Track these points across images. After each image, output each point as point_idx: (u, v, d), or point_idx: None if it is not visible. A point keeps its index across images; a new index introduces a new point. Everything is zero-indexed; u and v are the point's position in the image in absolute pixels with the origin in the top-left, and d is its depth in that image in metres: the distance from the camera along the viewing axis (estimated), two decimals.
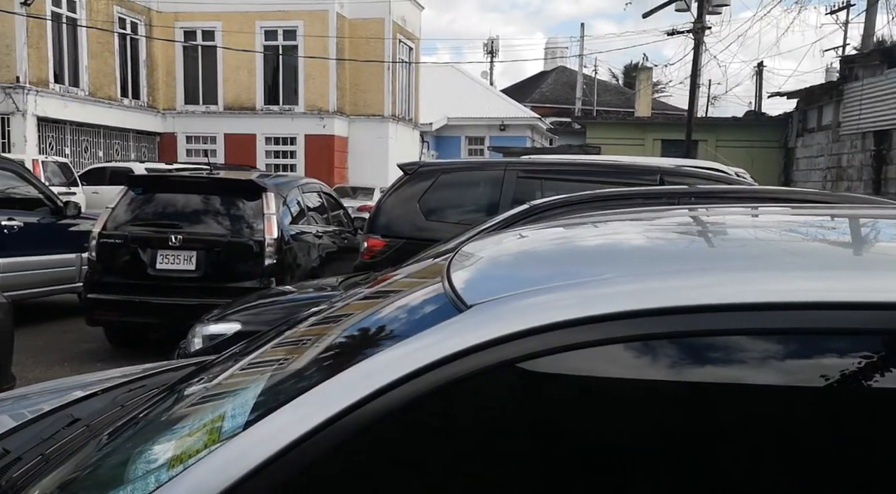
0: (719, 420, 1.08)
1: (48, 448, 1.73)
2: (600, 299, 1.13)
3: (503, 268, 1.43)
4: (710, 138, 19.09)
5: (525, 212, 3.87)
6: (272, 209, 7.10)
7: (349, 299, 1.86)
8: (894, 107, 13.64)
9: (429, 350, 1.12)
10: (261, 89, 26.19)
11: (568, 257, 1.44)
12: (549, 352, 1.09)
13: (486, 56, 54.26)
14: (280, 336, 1.84)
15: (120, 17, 24.52)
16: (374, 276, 4.63)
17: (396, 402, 1.09)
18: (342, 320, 1.63)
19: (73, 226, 8.86)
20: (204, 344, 4.07)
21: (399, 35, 27.57)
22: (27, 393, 2.56)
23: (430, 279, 1.62)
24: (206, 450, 1.19)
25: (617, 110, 39.11)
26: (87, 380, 2.64)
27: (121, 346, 7.52)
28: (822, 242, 1.62)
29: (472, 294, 1.23)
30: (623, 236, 1.63)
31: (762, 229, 1.67)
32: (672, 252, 1.46)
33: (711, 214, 1.94)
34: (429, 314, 1.30)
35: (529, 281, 1.24)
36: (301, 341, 1.58)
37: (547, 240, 1.70)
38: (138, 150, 25.79)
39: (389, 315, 1.47)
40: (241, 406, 1.32)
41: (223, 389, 1.56)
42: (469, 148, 36.93)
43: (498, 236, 1.90)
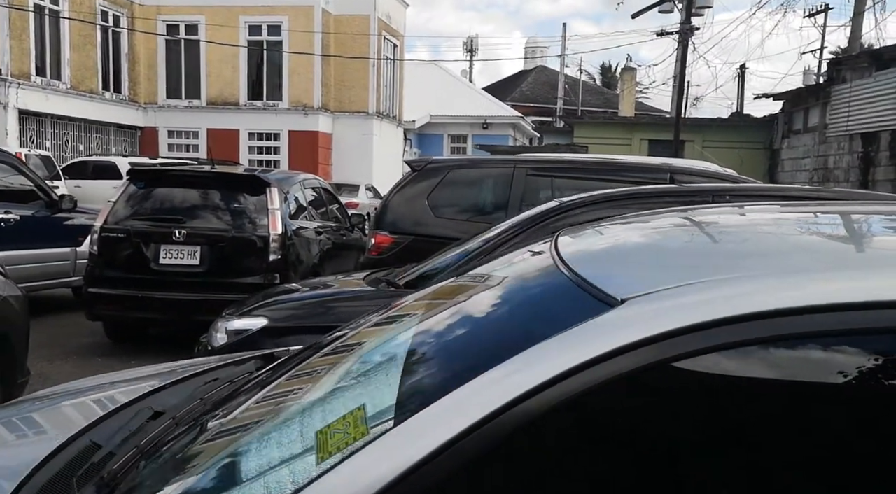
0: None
1: (141, 441, 1.70)
2: (760, 294, 1.12)
3: (643, 263, 1.42)
4: (696, 139, 19.26)
5: (554, 209, 3.86)
6: (276, 204, 7.05)
7: (445, 295, 1.84)
8: (883, 110, 13.83)
9: (583, 347, 1.11)
10: (244, 84, 25.99)
11: (702, 252, 1.43)
12: (709, 350, 1.08)
13: (465, 54, 54.33)
14: (383, 329, 1.82)
15: (102, 10, 24.21)
16: (398, 271, 4.62)
17: (552, 401, 1.07)
18: (457, 315, 1.61)
19: (68, 219, 8.74)
20: (229, 339, 4.02)
21: (384, 32, 27.49)
22: (52, 393, 2.51)
23: (535, 274, 1.61)
24: (358, 444, 1.17)
25: (598, 110, 39.32)
26: (114, 378, 2.60)
27: (119, 341, 7.43)
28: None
29: (620, 289, 1.21)
30: (742, 231, 1.63)
31: (868, 226, 1.68)
32: (800, 247, 1.46)
33: (806, 211, 1.95)
34: (567, 309, 1.28)
35: (677, 276, 1.23)
36: (420, 334, 1.56)
37: (669, 234, 1.70)
38: (119, 144, 25.48)
39: (513, 310, 1.45)
40: (381, 401, 1.30)
41: (344, 383, 1.54)
42: (452, 146, 36.92)
43: (607, 228, 1.89)
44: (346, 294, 4.18)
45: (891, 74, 13.77)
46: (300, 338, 3.99)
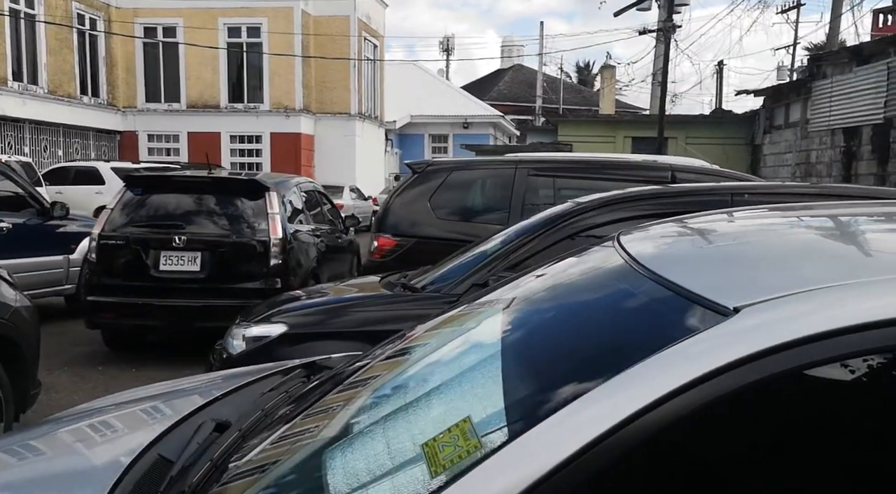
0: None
1: (213, 455, 1.69)
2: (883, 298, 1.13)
3: (746, 268, 1.41)
4: (679, 135, 19.40)
5: (571, 210, 3.87)
6: (275, 208, 7.02)
7: (517, 300, 1.83)
8: (864, 104, 14.02)
9: (703, 358, 1.10)
10: (225, 87, 25.82)
11: (804, 255, 1.43)
12: (837, 359, 1.09)
13: (441, 54, 54.37)
14: (456, 333, 1.82)
15: (79, 13, 23.94)
16: (411, 274, 4.60)
17: (678, 413, 1.07)
18: (545, 321, 1.60)
19: (60, 227, 8.64)
20: (247, 346, 3.99)
21: (364, 32, 27.43)
22: (89, 408, 2.47)
23: (612, 278, 1.61)
24: (474, 457, 1.17)
25: (578, 108, 39.47)
26: (153, 391, 2.58)
27: (117, 349, 7.36)
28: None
29: (730, 297, 1.21)
30: (830, 232, 1.64)
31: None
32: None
33: (871, 212, 1.97)
34: (672, 319, 1.27)
35: (785, 282, 1.23)
36: (511, 340, 1.55)
37: (746, 237, 1.71)
38: (98, 149, 25.21)
39: (606, 319, 1.45)
40: (485, 411, 1.30)
41: (431, 390, 1.53)
42: (433, 146, 36.91)
43: (673, 231, 1.89)
44: (365, 298, 4.16)
45: (871, 69, 13.96)
46: (321, 345, 3.97)
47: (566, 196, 6.30)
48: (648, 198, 3.84)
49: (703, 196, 3.72)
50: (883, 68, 13.49)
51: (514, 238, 3.96)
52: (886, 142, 13.35)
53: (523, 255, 3.78)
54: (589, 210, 3.76)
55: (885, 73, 13.43)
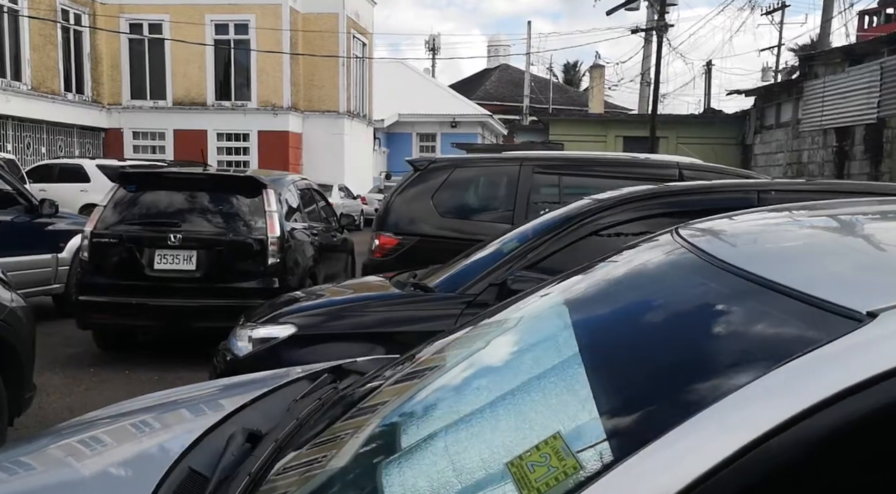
0: None
1: (251, 468, 1.56)
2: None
3: (865, 267, 1.29)
4: (670, 135, 19.38)
5: (592, 208, 3.74)
6: (273, 206, 6.86)
7: (586, 300, 1.70)
8: (857, 104, 14.02)
9: (832, 373, 0.98)
10: (212, 84, 25.55)
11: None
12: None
13: (427, 53, 54.29)
14: (519, 334, 1.68)
15: (63, 9, 23.61)
16: (420, 273, 4.47)
17: (814, 431, 0.94)
18: (629, 323, 1.47)
19: (49, 225, 8.43)
20: (254, 347, 3.85)
21: (353, 30, 27.26)
22: (95, 417, 2.32)
23: (692, 279, 1.48)
24: (577, 478, 1.04)
25: (566, 107, 39.45)
26: (163, 399, 2.43)
27: (108, 350, 7.18)
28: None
29: (860, 300, 1.08)
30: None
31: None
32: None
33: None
34: (782, 324, 1.15)
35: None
36: (593, 345, 1.41)
37: (864, 232, 1.59)
38: (82, 146, 24.87)
39: (708, 323, 1.31)
40: (574, 425, 1.17)
41: (504, 401, 1.39)
42: (420, 144, 36.77)
43: (752, 227, 1.77)
44: (377, 298, 4.03)
45: (864, 69, 13.96)
46: (332, 346, 3.84)
47: (572, 193, 6.21)
48: (673, 194, 3.72)
49: (730, 193, 3.61)
50: (876, 68, 13.50)
51: (531, 236, 3.83)
52: (880, 141, 13.36)
53: (542, 254, 3.67)
54: (611, 207, 3.64)
55: (878, 73, 13.44)
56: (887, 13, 34.65)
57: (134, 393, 5.96)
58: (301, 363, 3.77)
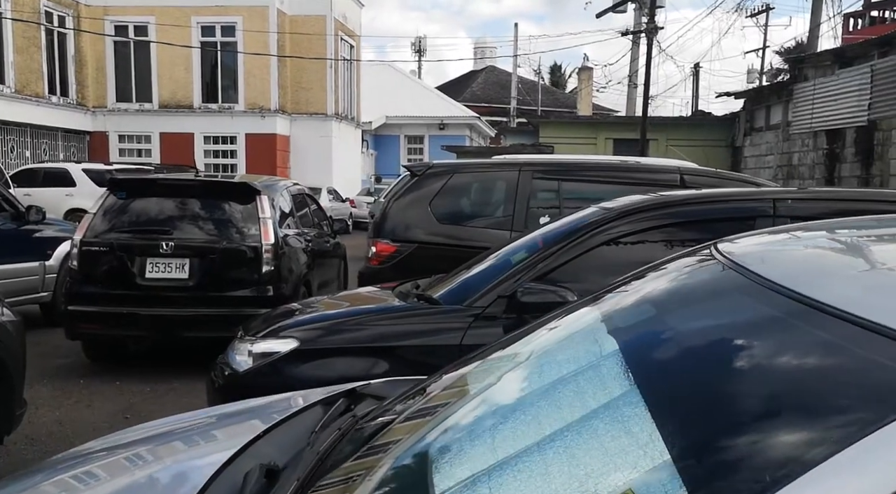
0: None
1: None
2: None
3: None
4: (660, 137, 19.36)
5: (605, 217, 3.63)
6: (267, 213, 6.74)
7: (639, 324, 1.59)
8: (848, 107, 14.03)
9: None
10: (198, 86, 25.33)
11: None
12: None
13: (414, 55, 54.24)
14: (552, 363, 1.57)
15: (47, 11, 23.33)
16: (423, 283, 4.36)
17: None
18: (695, 361, 1.33)
19: (36, 232, 8.26)
20: (255, 362, 3.72)
21: (340, 32, 27.11)
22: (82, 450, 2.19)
23: (751, 307, 1.37)
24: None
25: (555, 109, 39.44)
26: (170, 426, 2.30)
27: (98, 361, 7.02)
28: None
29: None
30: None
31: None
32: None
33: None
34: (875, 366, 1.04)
35: None
36: (660, 386, 1.28)
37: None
38: (67, 150, 24.59)
39: (792, 362, 1.19)
40: (648, 475, 1.06)
41: (552, 443, 1.27)
42: (408, 147, 36.65)
43: (809, 248, 1.67)
44: (381, 311, 3.91)
45: (854, 72, 13.98)
46: (335, 361, 3.72)
47: (571, 198, 6.14)
48: (687, 203, 3.63)
49: (745, 202, 3.52)
50: (867, 71, 13.51)
51: (540, 246, 3.73)
52: (870, 144, 13.37)
53: (552, 264, 3.56)
54: (623, 216, 3.54)
55: (868, 76, 13.45)
56: (871, 16, 34.87)
57: (126, 405, 5.84)
58: (304, 378, 3.66)
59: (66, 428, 5.34)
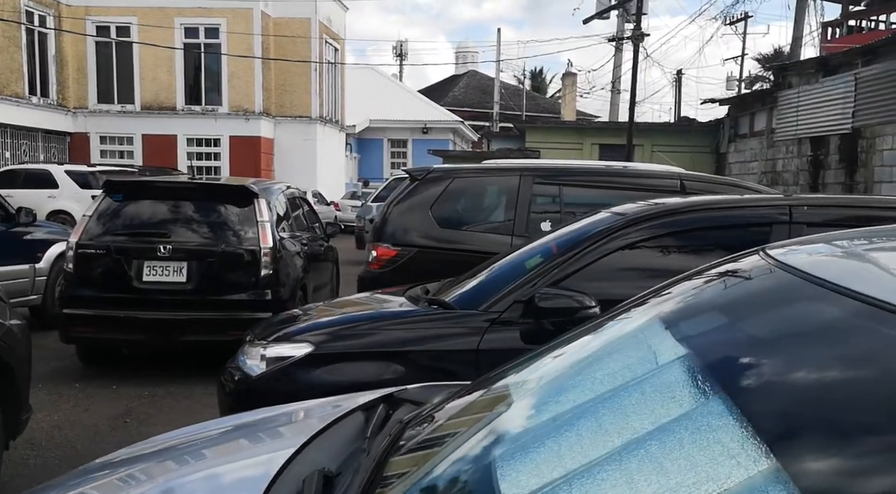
0: None
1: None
2: None
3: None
4: (645, 143, 19.49)
5: (623, 222, 3.62)
6: (265, 216, 6.71)
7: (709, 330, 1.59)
8: (832, 114, 14.21)
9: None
10: (181, 88, 25.14)
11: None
12: None
13: (395, 58, 54.26)
14: (617, 370, 1.57)
15: (27, 10, 23.06)
16: (432, 288, 4.35)
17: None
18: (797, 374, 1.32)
19: (26, 234, 8.17)
20: (268, 366, 3.70)
21: (325, 35, 27.04)
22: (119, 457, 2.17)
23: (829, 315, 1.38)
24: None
25: (534, 115, 39.59)
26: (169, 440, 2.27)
27: (92, 364, 6.95)
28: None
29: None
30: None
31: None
32: None
33: None
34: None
35: None
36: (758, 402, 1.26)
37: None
38: (47, 151, 24.31)
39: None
40: None
41: (632, 451, 1.26)
42: (392, 150, 36.61)
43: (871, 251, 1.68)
44: (395, 315, 3.90)
45: (839, 80, 14.16)
46: (351, 366, 3.71)
47: (573, 204, 6.16)
48: (704, 209, 3.65)
49: (761, 208, 3.55)
50: (851, 79, 13.70)
51: (555, 251, 3.74)
52: (854, 151, 13.55)
53: (568, 269, 3.57)
54: (640, 221, 3.55)
55: (852, 84, 13.64)
56: (849, 25, 35.33)
57: (124, 409, 5.78)
58: (318, 383, 3.65)
59: (66, 432, 5.27)
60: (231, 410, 3.92)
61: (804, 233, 3.28)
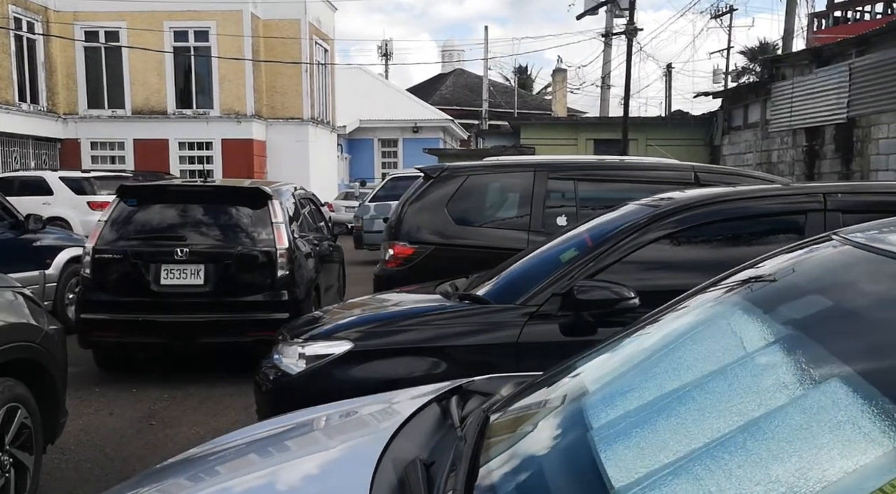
0: None
1: None
2: None
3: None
4: (640, 137, 19.59)
5: (656, 214, 3.66)
6: (280, 217, 6.73)
7: None
8: (826, 105, 14.34)
9: None
10: (172, 92, 25.04)
11: None
12: None
13: (380, 58, 54.25)
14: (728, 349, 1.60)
15: (15, 17, 22.90)
16: (461, 284, 4.39)
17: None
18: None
19: (35, 240, 8.15)
20: (308, 364, 3.73)
21: (315, 36, 27.00)
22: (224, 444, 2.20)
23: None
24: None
25: (524, 112, 39.67)
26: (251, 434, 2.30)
27: (110, 369, 6.95)
28: None
29: None
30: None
31: None
32: None
33: None
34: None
35: None
36: None
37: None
38: (38, 158, 24.16)
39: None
40: None
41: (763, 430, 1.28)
42: (382, 150, 36.58)
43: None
44: (433, 310, 3.93)
45: (833, 70, 14.29)
46: (390, 362, 3.74)
47: (588, 199, 6.22)
48: (740, 199, 3.69)
49: (797, 196, 3.60)
50: (845, 69, 13.82)
51: (590, 243, 3.78)
52: (850, 141, 13.67)
53: (605, 262, 3.61)
54: (676, 212, 3.60)
55: (846, 74, 13.76)
56: (835, 16, 35.62)
57: (147, 412, 5.79)
58: (358, 379, 3.68)
59: (93, 437, 5.29)
60: (270, 409, 3.94)
61: (839, 220, 3.34)
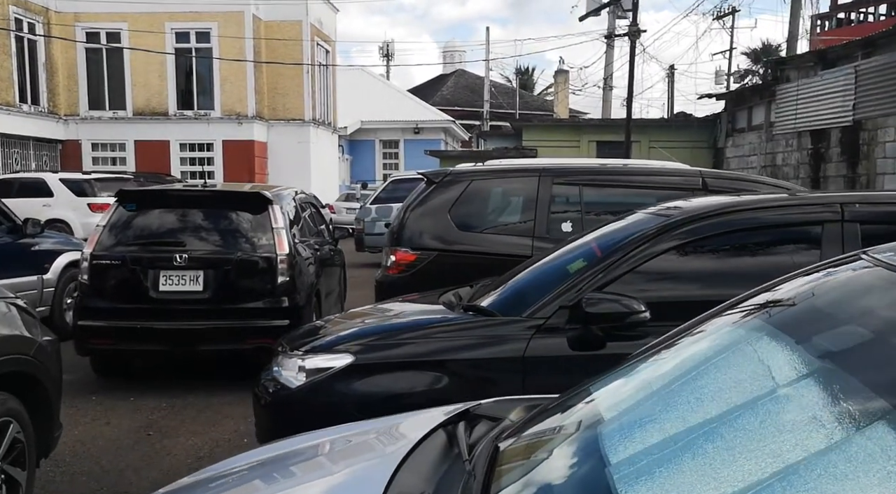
0: None
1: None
2: None
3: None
4: (643, 139, 19.47)
5: (668, 224, 3.54)
6: (280, 222, 6.62)
7: None
8: (832, 107, 14.22)
9: None
10: (173, 93, 24.95)
11: None
12: None
13: (382, 59, 54.16)
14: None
15: (16, 18, 22.83)
16: (465, 294, 4.28)
17: None
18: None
19: (33, 245, 8.05)
20: (308, 377, 3.62)
21: (316, 37, 26.91)
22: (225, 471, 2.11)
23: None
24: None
25: (526, 113, 39.57)
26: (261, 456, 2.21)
27: (107, 376, 6.85)
28: None
29: None
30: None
31: None
32: None
33: None
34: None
35: None
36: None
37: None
38: (39, 159, 24.09)
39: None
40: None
41: None
42: (384, 151, 36.49)
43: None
44: (436, 322, 3.82)
45: (839, 73, 14.17)
46: (392, 376, 3.63)
47: (593, 204, 6.11)
48: (755, 209, 3.58)
49: (813, 206, 3.50)
50: (851, 72, 13.71)
51: (598, 254, 3.67)
52: (856, 144, 13.56)
53: (614, 273, 3.50)
54: (689, 222, 3.48)
55: (852, 77, 13.65)
56: (838, 18, 35.47)
57: (145, 422, 5.69)
58: (360, 394, 3.58)
59: (89, 447, 5.18)
60: (269, 422, 3.85)
61: (857, 231, 3.24)
